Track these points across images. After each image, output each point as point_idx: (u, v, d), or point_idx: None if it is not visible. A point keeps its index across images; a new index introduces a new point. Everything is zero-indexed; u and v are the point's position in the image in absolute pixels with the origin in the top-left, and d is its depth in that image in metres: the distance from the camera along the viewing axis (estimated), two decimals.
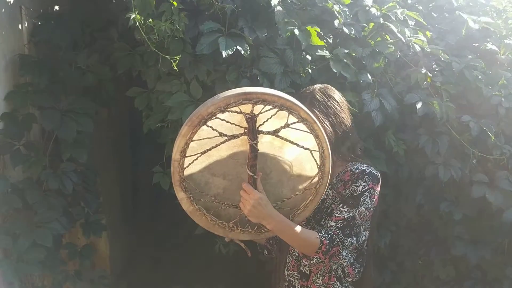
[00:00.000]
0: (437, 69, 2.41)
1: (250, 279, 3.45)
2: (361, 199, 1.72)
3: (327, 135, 1.59)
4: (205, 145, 1.56)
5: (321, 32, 2.24)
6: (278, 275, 1.94)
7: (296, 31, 2.12)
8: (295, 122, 1.54)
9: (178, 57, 2.03)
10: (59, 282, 2.36)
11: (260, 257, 2.10)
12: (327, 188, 1.69)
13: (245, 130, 1.54)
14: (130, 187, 4.64)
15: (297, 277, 1.85)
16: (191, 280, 4.18)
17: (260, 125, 1.54)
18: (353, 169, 1.75)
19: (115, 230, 3.75)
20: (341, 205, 1.73)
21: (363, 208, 1.71)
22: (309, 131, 1.54)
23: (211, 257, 2.84)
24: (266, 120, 1.53)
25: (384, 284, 2.70)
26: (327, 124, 1.72)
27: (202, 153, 1.57)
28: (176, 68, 2.05)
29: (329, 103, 1.76)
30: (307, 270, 1.82)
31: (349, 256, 1.72)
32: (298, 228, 1.65)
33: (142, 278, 4.21)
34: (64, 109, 2.24)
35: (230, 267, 3.76)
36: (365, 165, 1.77)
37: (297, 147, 1.59)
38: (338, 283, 1.81)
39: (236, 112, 1.50)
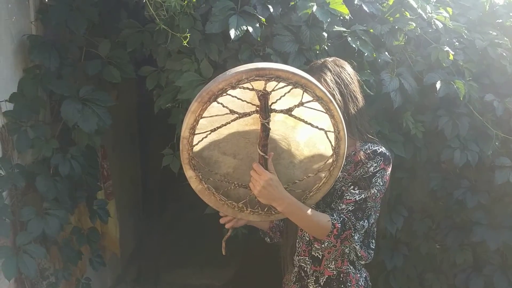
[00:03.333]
0: (459, 47, 2.32)
1: (261, 261, 3.43)
2: (373, 180, 1.66)
3: (338, 107, 1.53)
4: (215, 123, 1.52)
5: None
6: (286, 261, 1.90)
7: (315, 8, 2.04)
8: (310, 101, 1.47)
9: (188, 34, 1.96)
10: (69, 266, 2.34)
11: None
12: None
13: (257, 108, 1.49)
14: (140, 170, 4.62)
15: (308, 262, 1.80)
16: (201, 262, 4.18)
17: (273, 103, 1.48)
18: (363, 150, 1.69)
19: (125, 214, 3.73)
20: (352, 187, 1.67)
21: (375, 190, 1.66)
22: (324, 110, 1.48)
23: (221, 239, 2.82)
24: (280, 98, 1.47)
25: (398, 268, 2.66)
26: (337, 93, 1.67)
27: (212, 130, 1.53)
28: (187, 44, 1.99)
29: (340, 74, 1.71)
30: (319, 255, 1.77)
31: (361, 239, 1.69)
32: (310, 211, 1.60)
33: (152, 261, 4.22)
34: (82, 98, 2.20)
35: (240, 249, 3.74)
36: (375, 145, 1.71)
37: (311, 127, 1.53)
38: (352, 267, 1.78)
39: (248, 88, 1.44)
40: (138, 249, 4.31)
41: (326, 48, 2.14)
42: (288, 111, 1.50)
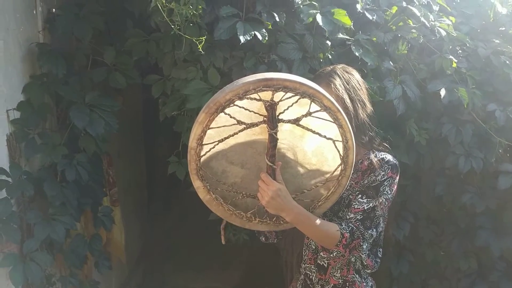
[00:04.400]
0: (462, 55, 2.33)
1: (265, 266, 3.44)
2: (381, 189, 1.66)
3: (347, 113, 1.54)
4: (222, 133, 1.51)
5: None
6: (292, 269, 1.90)
7: (318, 16, 2.06)
8: (317, 111, 1.47)
9: (203, 38, 1.98)
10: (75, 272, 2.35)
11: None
12: None
13: (265, 118, 1.49)
14: (145, 176, 4.64)
15: (314, 270, 1.80)
16: (206, 267, 4.19)
17: (280, 113, 1.48)
18: (371, 158, 1.70)
19: (130, 220, 3.74)
20: (359, 195, 1.67)
21: (383, 198, 1.66)
22: (332, 120, 1.48)
23: (226, 244, 2.83)
24: (287, 108, 1.47)
25: (403, 275, 2.66)
26: (346, 97, 1.66)
27: (220, 141, 1.52)
28: (201, 50, 2.00)
29: (350, 80, 1.71)
30: (325, 263, 1.77)
31: (369, 248, 1.68)
32: (318, 221, 1.60)
33: (157, 267, 4.24)
34: (89, 104, 2.23)
35: (245, 255, 3.76)
36: (383, 153, 1.72)
37: (319, 136, 1.53)
38: (357, 276, 1.77)
39: (255, 99, 1.44)
40: (144, 254, 4.32)
41: (330, 56, 2.15)
42: (296, 121, 1.50)
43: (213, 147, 1.53)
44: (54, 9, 2.37)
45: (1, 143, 2.03)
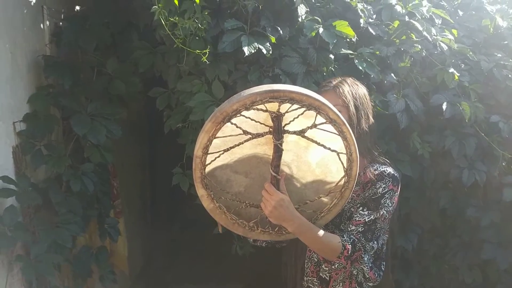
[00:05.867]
0: (464, 69, 2.34)
1: (267, 278, 3.43)
2: (381, 201, 1.67)
3: (350, 123, 1.57)
4: (228, 142, 1.53)
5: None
6: (294, 282, 1.90)
7: (321, 30, 2.08)
8: (323, 123, 1.49)
9: (207, 50, 2.00)
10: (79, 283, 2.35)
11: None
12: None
13: (270, 129, 1.51)
14: (149, 187, 4.64)
15: (316, 284, 1.80)
16: (209, 279, 4.18)
17: (286, 124, 1.50)
18: (372, 170, 1.71)
19: (133, 231, 3.74)
20: (361, 208, 1.69)
21: (384, 211, 1.67)
22: (337, 132, 1.50)
23: (228, 256, 2.84)
24: (293, 119, 1.48)
25: (407, 287, 2.64)
26: (352, 105, 1.69)
27: (225, 150, 1.54)
28: (206, 60, 2.02)
29: (357, 91, 1.75)
30: (327, 276, 1.78)
31: (370, 260, 1.69)
32: (320, 232, 1.61)
33: (160, 278, 4.23)
34: (91, 113, 2.25)
35: (247, 266, 3.74)
36: (384, 165, 1.73)
37: (323, 148, 1.55)
38: None
39: (261, 110, 1.46)
40: (146, 266, 4.31)
41: (333, 70, 2.17)
42: (301, 133, 1.52)
43: (218, 156, 1.54)
44: (60, 23, 2.41)
45: (8, 155, 2.05)
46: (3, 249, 1.94)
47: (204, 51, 2.01)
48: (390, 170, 1.72)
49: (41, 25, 2.31)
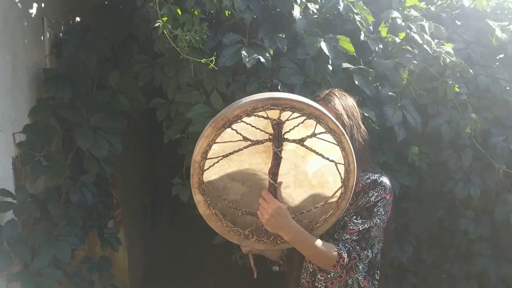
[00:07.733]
0: (462, 81, 2.35)
1: None
2: (374, 210, 1.68)
3: (348, 127, 1.60)
4: (227, 148, 1.53)
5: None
6: None
7: (323, 44, 2.10)
8: (322, 132, 1.49)
9: (208, 60, 2.02)
10: None
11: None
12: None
13: (270, 136, 1.51)
14: (149, 197, 4.65)
15: None
16: None
17: (285, 132, 1.50)
18: (364, 179, 1.72)
19: (133, 241, 3.74)
20: (354, 217, 1.69)
21: (377, 219, 1.67)
22: (336, 142, 1.50)
23: (229, 268, 2.83)
24: (293, 128, 1.49)
25: None
26: (345, 117, 1.70)
27: (224, 156, 1.54)
28: (205, 74, 2.03)
29: (347, 101, 1.76)
30: (322, 286, 1.76)
31: (365, 269, 1.69)
32: (316, 241, 1.61)
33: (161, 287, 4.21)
34: (93, 126, 2.26)
35: (249, 277, 3.73)
36: (376, 174, 1.73)
37: (321, 158, 1.55)
38: None
39: (262, 117, 1.46)
40: (147, 276, 4.31)
41: (331, 81, 2.18)
42: (301, 141, 1.52)
43: (217, 162, 1.54)
44: (61, 34, 2.43)
45: (7, 166, 2.06)
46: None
47: (210, 59, 2.02)
48: (382, 178, 1.72)
49: (41, 37, 2.33)
